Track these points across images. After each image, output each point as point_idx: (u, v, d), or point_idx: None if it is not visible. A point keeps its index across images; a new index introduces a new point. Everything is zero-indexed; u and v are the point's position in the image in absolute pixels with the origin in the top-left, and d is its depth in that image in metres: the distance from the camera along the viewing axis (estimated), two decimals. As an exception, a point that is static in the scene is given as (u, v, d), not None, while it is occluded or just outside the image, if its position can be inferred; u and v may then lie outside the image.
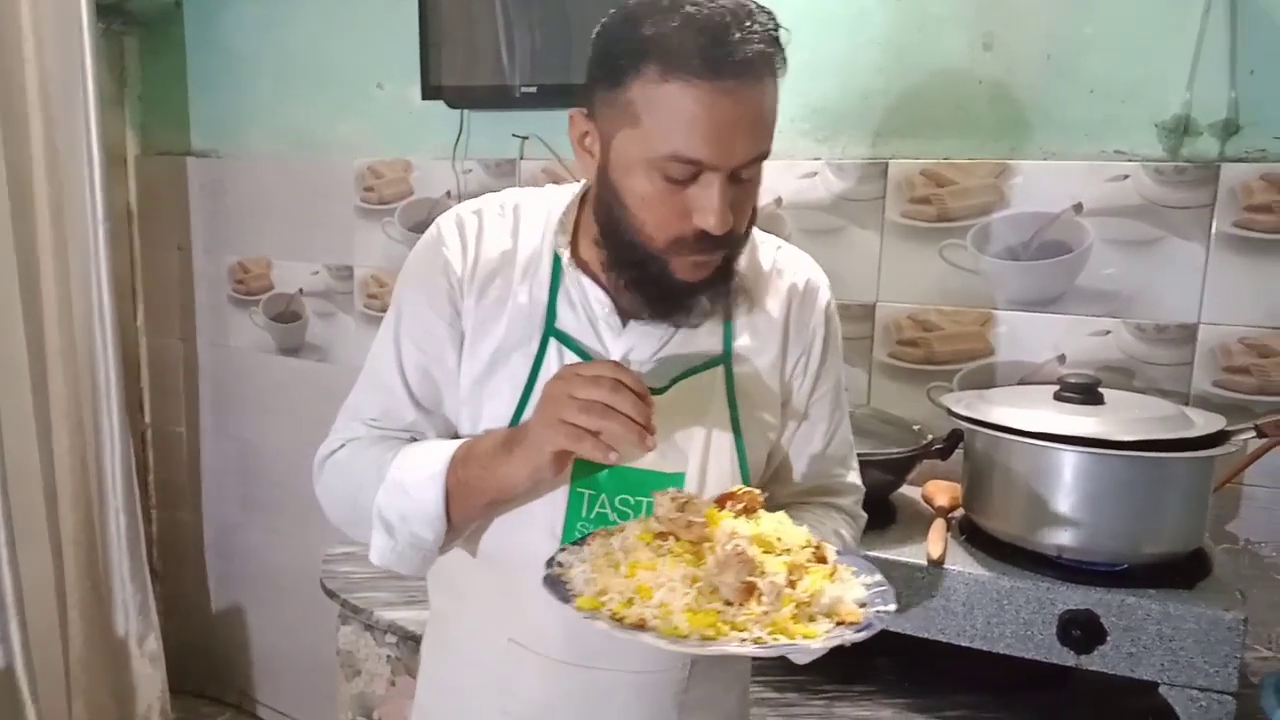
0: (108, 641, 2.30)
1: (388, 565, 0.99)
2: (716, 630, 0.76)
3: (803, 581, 0.81)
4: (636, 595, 0.79)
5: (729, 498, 0.90)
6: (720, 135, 0.83)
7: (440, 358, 1.00)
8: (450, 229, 1.01)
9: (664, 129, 0.84)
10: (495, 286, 0.99)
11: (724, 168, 0.85)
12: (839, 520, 1.08)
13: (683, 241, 0.88)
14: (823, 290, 1.08)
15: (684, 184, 0.86)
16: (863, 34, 1.70)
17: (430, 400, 1.02)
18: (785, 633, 0.76)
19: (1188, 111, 1.50)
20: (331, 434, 1.07)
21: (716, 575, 0.79)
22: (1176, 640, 1.18)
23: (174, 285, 2.65)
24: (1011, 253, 1.63)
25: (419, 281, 1.02)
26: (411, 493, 0.95)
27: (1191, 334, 1.53)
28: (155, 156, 2.62)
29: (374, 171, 2.27)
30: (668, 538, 0.86)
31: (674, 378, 0.98)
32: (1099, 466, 1.23)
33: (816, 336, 1.06)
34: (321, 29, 2.29)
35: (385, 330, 1.04)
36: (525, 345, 0.98)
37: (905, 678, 1.43)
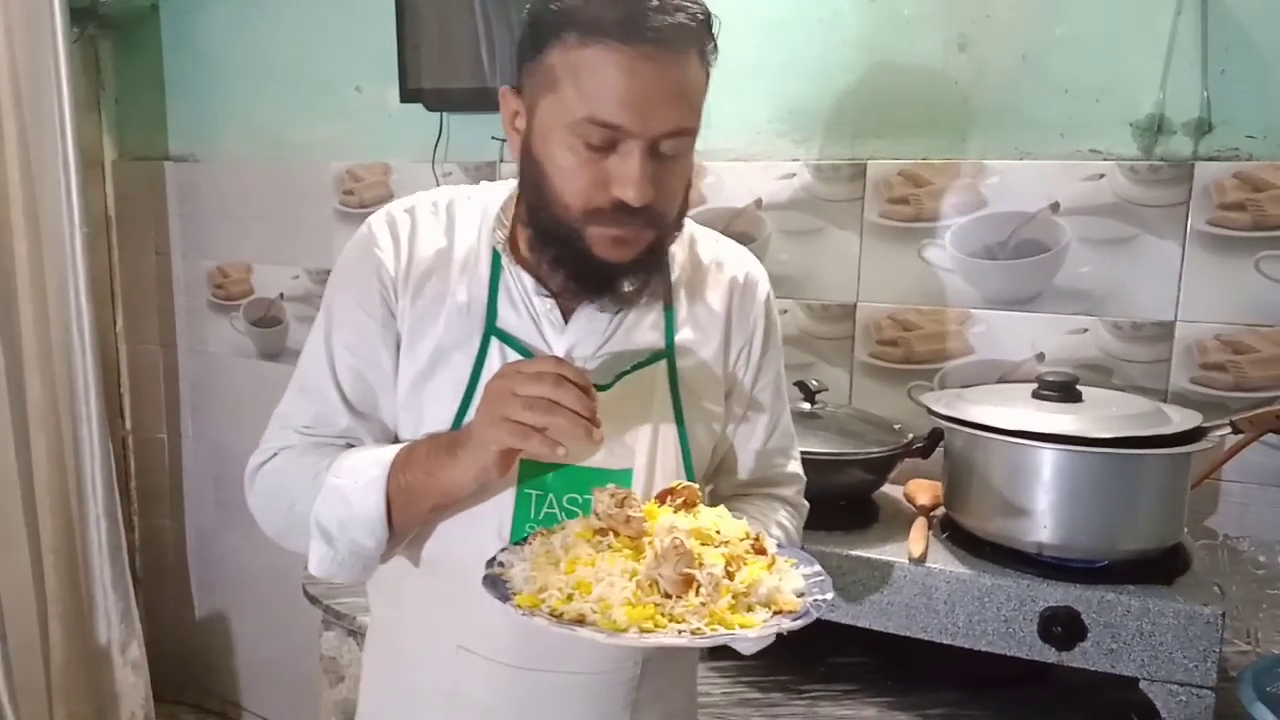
0: (90, 649, 2.28)
1: (327, 575, 0.97)
2: (655, 623, 0.76)
3: (740, 572, 0.82)
4: (576, 591, 0.79)
5: (668, 493, 0.91)
6: (636, 100, 0.83)
7: (375, 361, 0.98)
8: (382, 228, 1.00)
9: (581, 93, 0.84)
10: (431, 285, 0.98)
11: (641, 135, 0.84)
12: (782, 511, 1.10)
13: (600, 213, 0.87)
14: (762, 283, 1.09)
15: (603, 153, 0.86)
16: (838, 35, 1.71)
17: (365, 404, 1.00)
18: (723, 623, 0.77)
19: (1161, 111, 1.52)
20: (262, 443, 1.04)
21: (655, 568, 0.79)
22: (1156, 636, 1.19)
23: (153, 290, 2.63)
24: (989, 252, 1.64)
25: (350, 283, 1.00)
26: (351, 500, 0.93)
27: (1168, 331, 1.54)
28: (132, 161, 2.60)
29: (353, 175, 2.26)
30: (607, 534, 0.86)
31: (618, 374, 0.98)
32: (1077, 464, 1.24)
33: (757, 328, 1.07)
34: (299, 31, 2.28)
35: (316, 334, 1.02)
36: (466, 345, 0.97)
37: (888, 676, 1.44)
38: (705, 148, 1.83)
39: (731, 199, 1.82)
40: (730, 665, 1.46)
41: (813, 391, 1.53)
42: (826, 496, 1.45)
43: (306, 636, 2.15)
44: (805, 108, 1.76)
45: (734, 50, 1.78)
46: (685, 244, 1.05)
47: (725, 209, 1.82)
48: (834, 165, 1.73)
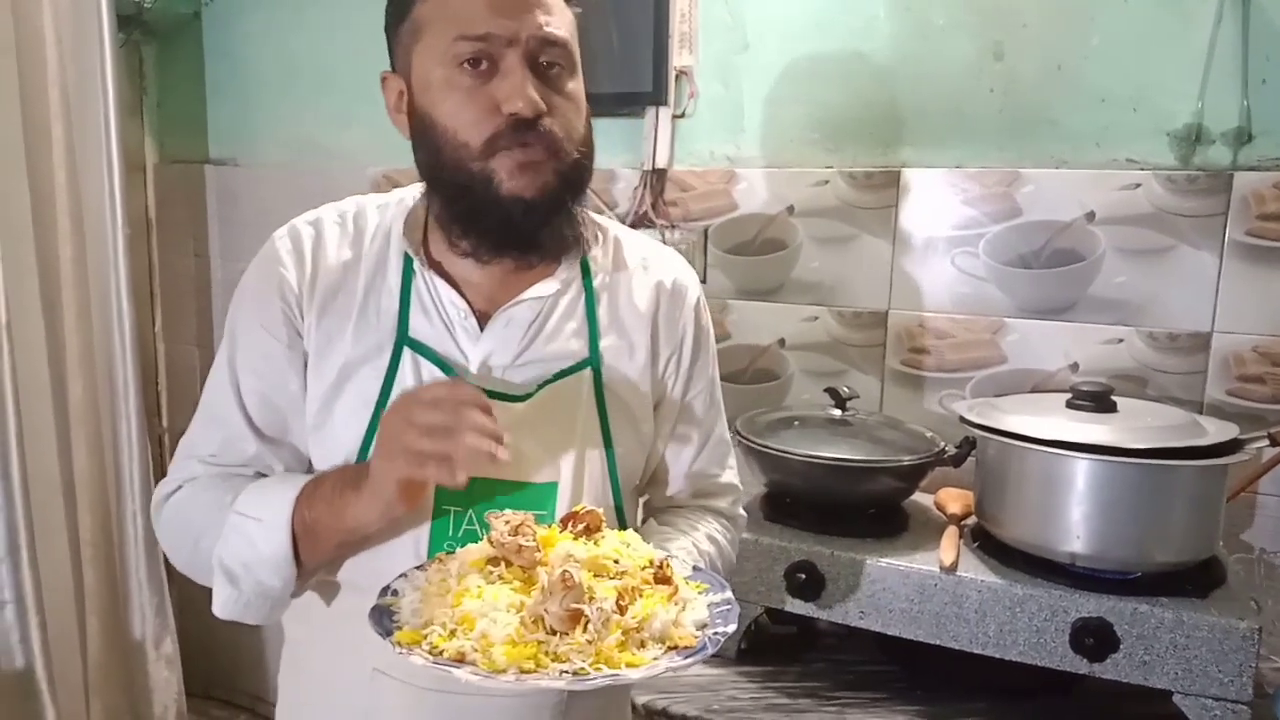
0: (125, 644, 2.31)
1: (233, 617, 0.92)
2: (537, 662, 0.72)
3: (634, 606, 0.77)
4: (460, 626, 0.75)
5: (572, 517, 0.87)
6: (499, 8, 0.85)
7: (281, 384, 0.94)
8: (285, 245, 0.96)
9: (446, 21, 0.86)
10: (338, 300, 0.94)
11: (513, 40, 0.85)
12: (715, 524, 1.07)
13: (498, 138, 0.86)
14: (691, 288, 1.05)
15: (484, 77, 0.86)
16: (870, 43, 1.71)
17: (274, 429, 0.95)
18: (609, 662, 0.73)
19: (1199, 120, 1.51)
20: (169, 473, 1.00)
21: (541, 603, 0.75)
22: (1190, 649, 1.18)
23: (191, 292, 2.67)
24: (1023, 261, 1.64)
25: (253, 304, 0.96)
26: (255, 539, 0.88)
27: (1204, 342, 1.53)
28: (173, 165, 2.64)
29: (390, 179, 2.28)
30: (499, 563, 0.82)
31: (540, 383, 0.94)
32: (1112, 474, 1.24)
33: (686, 335, 1.04)
34: (337, 38, 2.31)
35: (220, 358, 0.97)
36: (375, 358, 0.92)
37: (916, 684, 1.43)
38: (737, 154, 1.85)
39: (764, 206, 1.82)
40: (759, 671, 1.46)
41: (844, 399, 1.53)
42: (857, 504, 1.47)
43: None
44: (838, 115, 1.76)
45: (766, 58, 1.80)
46: (609, 246, 1.03)
47: (757, 215, 1.83)
48: (867, 173, 1.74)
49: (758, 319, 1.85)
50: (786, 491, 1.51)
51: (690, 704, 1.37)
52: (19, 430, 1.93)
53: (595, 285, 0.99)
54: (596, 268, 1.00)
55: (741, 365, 1.87)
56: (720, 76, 1.84)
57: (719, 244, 1.87)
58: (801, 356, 1.83)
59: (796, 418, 1.55)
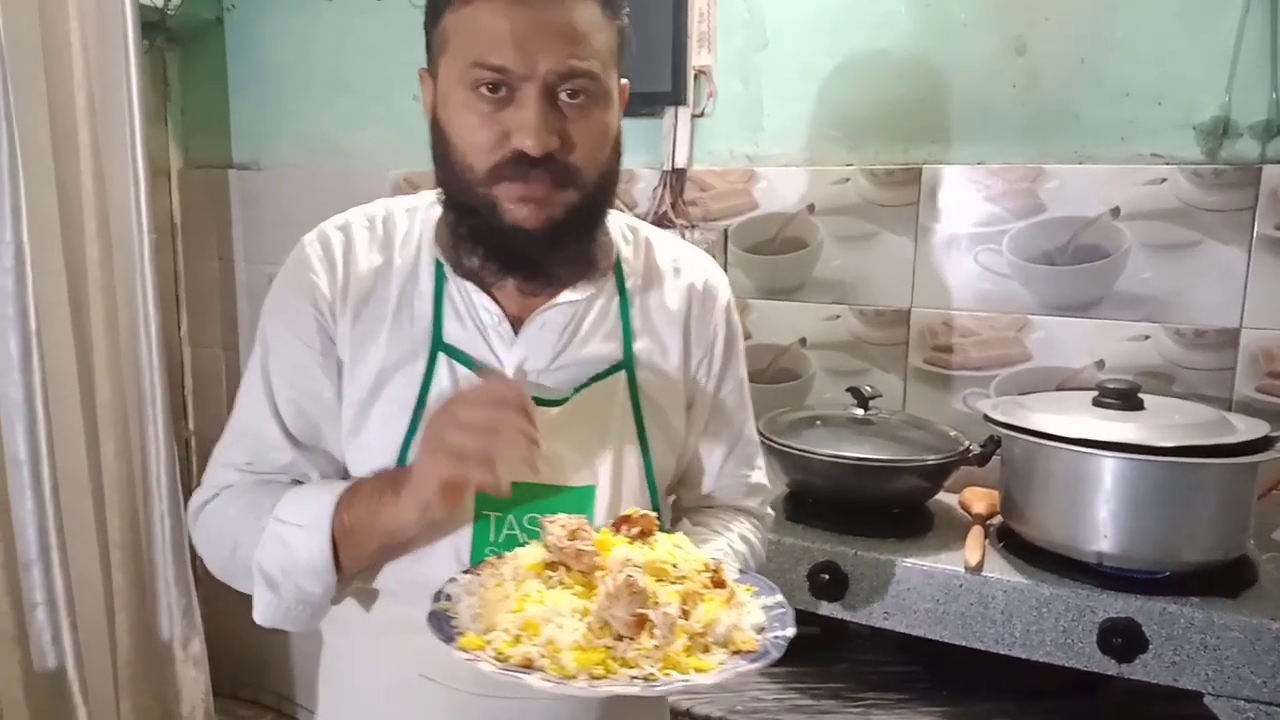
0: (153, 644, 2.34)
1: (274, 624, 0.92)
2: (606, 668, 0.72)
3: (697, 610, 0.78)
4: (524, 632, 0.75)
5: (624, 521, 0.87)
6: (520, 40, 0.82)
7: (314, 392, 0.94)
8: (315, 250, 0.95)
9: (468, 42, 0.84)
10: (371, 305, 0.94)
11: (529, 75, 0.82)
12: (746, 524, 1.07)
13: (503, 168, 0.85)
14: (722, 289, 1.06)
15: (500, 105, 0.84)
16: (891, 40, 1.70)
17: (308, 437, 0.95)
18: (677, 667, 0.73)
19: (1226, 113, 1.48)
20: (203, 481, 1.00)
21: (607, 609, 0.75)
22: (1221, 650, 1.17)
23: (216, 296, 2.70)
24: (1047, 257, 1.62)
25: (285, 311, 0.96)
26: (293, 545, 0.88)
27: (1233, 339, 1.51)
28: (197, 169, 2.67)
29: (410, 182, 2.29)
30: (558, 567, 0.82)
31: (576, 388, 0.94)
32: (1139, 473, 1.22)
33: (718, 337, 1.04)
34: (357, 42, 2.33)
35: (252, 367, 0.97)
36: (411, 363, 0.92)
37: (941, 685, 1.42)
38: (757, 153, 1.84)
39: (784, 204, 1.82)
40: (782, 671, 1.46)
41: (866, 398, 1.52)
42: (880, 504, 1.46)
43: (362, 635, 2.18)
44: (858, 112, 1.75)
45: (785, 55, 1.79)
46: (640, 249, 1.03)
47: (778, 214, 1.82)
48: (888, 170, 1.73)
49: (779, 318, 1.85)
50: (809, 491, 1.51)
51: (714, 705, 1.37)
52: (49, 434, 1.95)
53: (628, 288, 0.99)
54: (628, 270, 1.00)
55: (763, 365, 1.87)
56: (739, 75, 1.84)
57: (739, 243, 1.87)
58: (823, 355, 1.82)
59: (819, 417, 1.54)
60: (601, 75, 0.86)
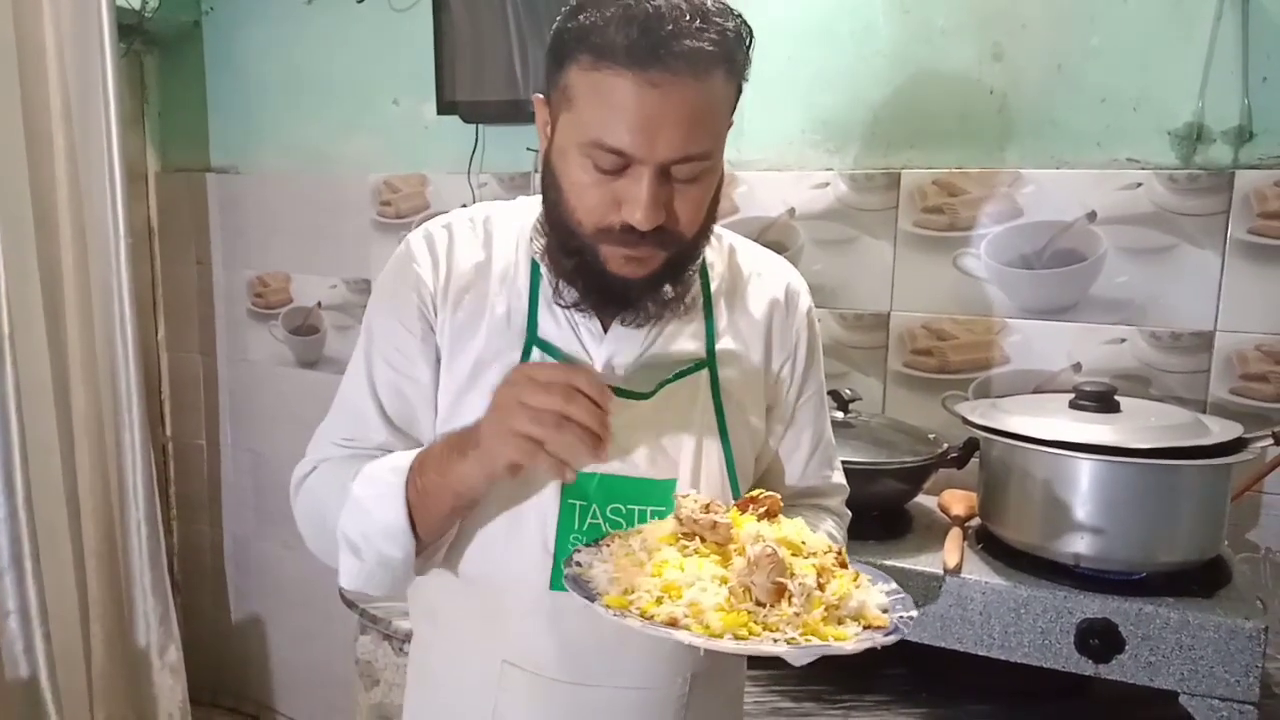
0: (129, 652, 2.31)
1: (358, 588, 0.96)
2: (749, 630, 0.75)
3: (831, 584, 0.81)
4: (665, 594, 0.78)
5: (750, 501, 0.90)
6: (643, 127, 0.82)
7: (413, 376, 0.98)
8: (420, 245, 1.00)
9: (591, 115, 0.84)
10: (470, 299, 0.98)
11: (647, 161, 0.83)
12: (829, 520, 1.10)
13: (610, 232, 0.87)
14: (803, 296, 1.08)
15: (614, 174, 0.85)
16: (870, 46, 1.71)
17: (403, 419, 0.99)
18: (817, 634, 0.76)
19: (1200, 119, 1.50)
20: (306, 455, 1.05)
21: (748, 575, 0.78)
22: (1196, 649, 1.18)
23: (194, 300, 2.68)
24: (1025, 261, 1.63)
25: (390, 299, 1.01)
26: (372, 509, 0.92)
27: (1208, 341, 1.53)
28: (175, 173, 2.65)
29: (390, 186, 2.29)
30: (693, 538, 0.85)
31: (660, 382, 0.97)
32: (1115, 475, 1.23)
33: (800, 341, 1.07)
34: (338, 47, 2.32)
35: (358, 351, 1.02)
36: (506, 356, 0.96)
37: (921, 687, 1.43)
38: (738, 158, 1.85)
39: (765, 209, 1.82)
40: (763, 674, 1.46)
41: (846, 401, 1.52)
42: (860, 506, 1.45)
43: (342, 641, 2.17)
44: (838, 118, 1.76)
45: (767, 61, 1.79)
46: (724, 254, 1.05)
47: (758, 219, 1.83)
48: (868, 175, 1.73)
49: (759, 322, 1.85)
50: (790, 494, 1.51)
51: (695, 708, 1.36)
52: (22, 440, 1.93)
53: (712, 291, 1.03)
54: (714, 274, 1.03)
55: (744, 368, 1.87)
56: (720, 80, 1.84)
57: (720, 247, 1.87)
58: (804, 359, 1.82)
59: (799, 420, 1.54)
60: (715, 152, 0.88)
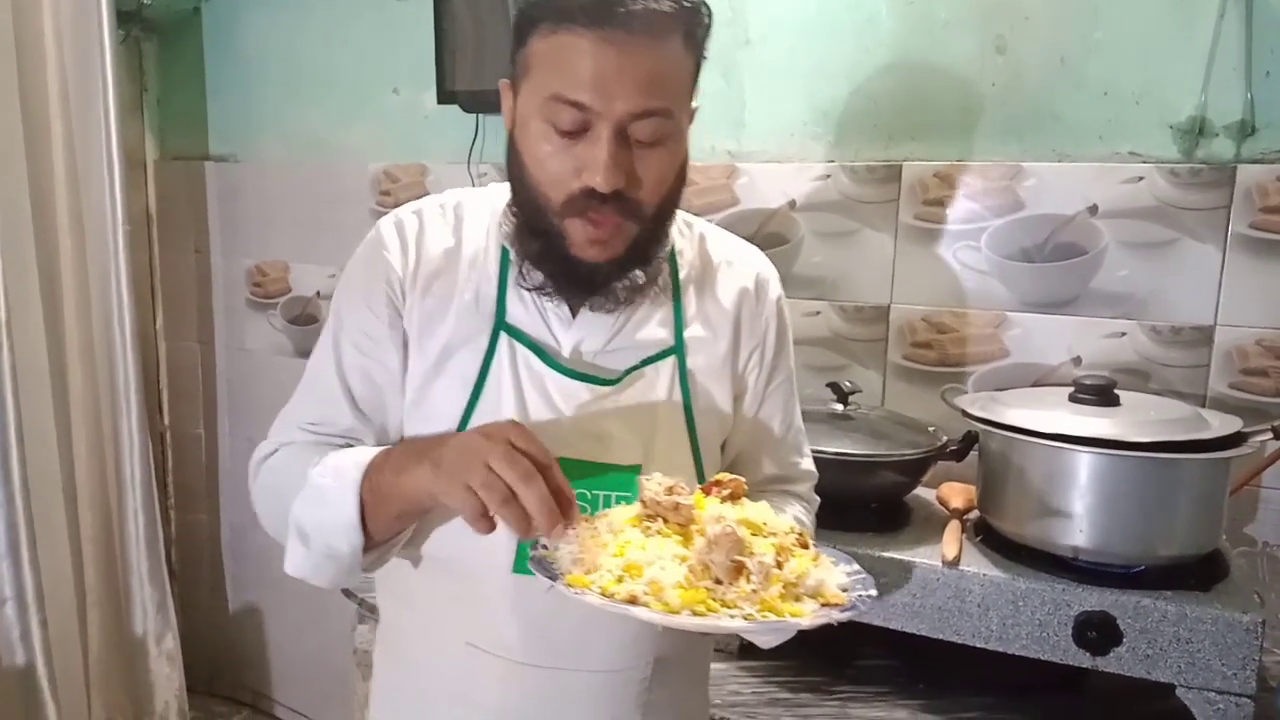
0: (126, 640, 2.32)
1: (302, 576, 0.95)
2: (707, 606, 0.77)
3: (789, 563, 0.82)
4: (626, 574, 0.80)
5: (714, 484, 0.91)
6: (600, 80, 0.83)
7: (382, 360, 0.99)
8: (390, 231, 1.01)
9: (550, 74, 0.86)
10: (439, 284, 0.98)
11: (606, 114, 0.84)
12: (798, 506, 1.10)
13: (574, 202, 0.87)
14: (773, 284, 1.08)
15: (574, 138, 0.86)
16: (872, 38, 1.71)
17: (370, 405, 0.99)
18: (774, 611, 0.77)
19: (1202, 113, 1.50)
20: (269, 436, 1.05)
21: (707, 554, 0.80)
22: (1193, 643, 1.18)
23: (192, 289, 2.68)
24: (1026, 255, 1.63)
25: (358, 285, 1.01)
26: (326, 500, 0.92)
27: (1208, 336, 1.53)
28: (173, 161, 2.64)
29: (390, 175, 2.28)
30: (655, 519, 0.86)
31: (627, 369, 0.98)
32: (1115, 468, 1.23)
33: (770, 330, 1.07)
34: (338, 35, 2.31)
35: (325, 335, 1.03)
36: (475, 340, 0.97)
37: (919, 679, 1.43)
38: (739, 149, 1.84)
39: (765, 200, 1.82)
40: (761, 665, 1.46)
41: (846, 393, 1.52)
42: (859, 498, 1.46)
43: (339, 631, 2.17)
44: (839, 110, 1.76)
45: (768, 52, 1.80)
46: (695, 241, 1.05)
47: (759, 210, 1.83)
48: (869, 167, 1.73)
49: (759, 314, 1.85)
50: (788, 486, 1.51)
51: (692, 699, 1.36)
52: (19, 427, 1.93)
53: (681, 278, 1.03)
54: (683, 262, 1.03)
55: (743, 360, 1.87)
56: (721, 71, 1.84)
57: (720, 239, 1.86)
58: (803, 351, 1.82)
59: (798, 412, 1.54)
60: (675, 113, 0.88)
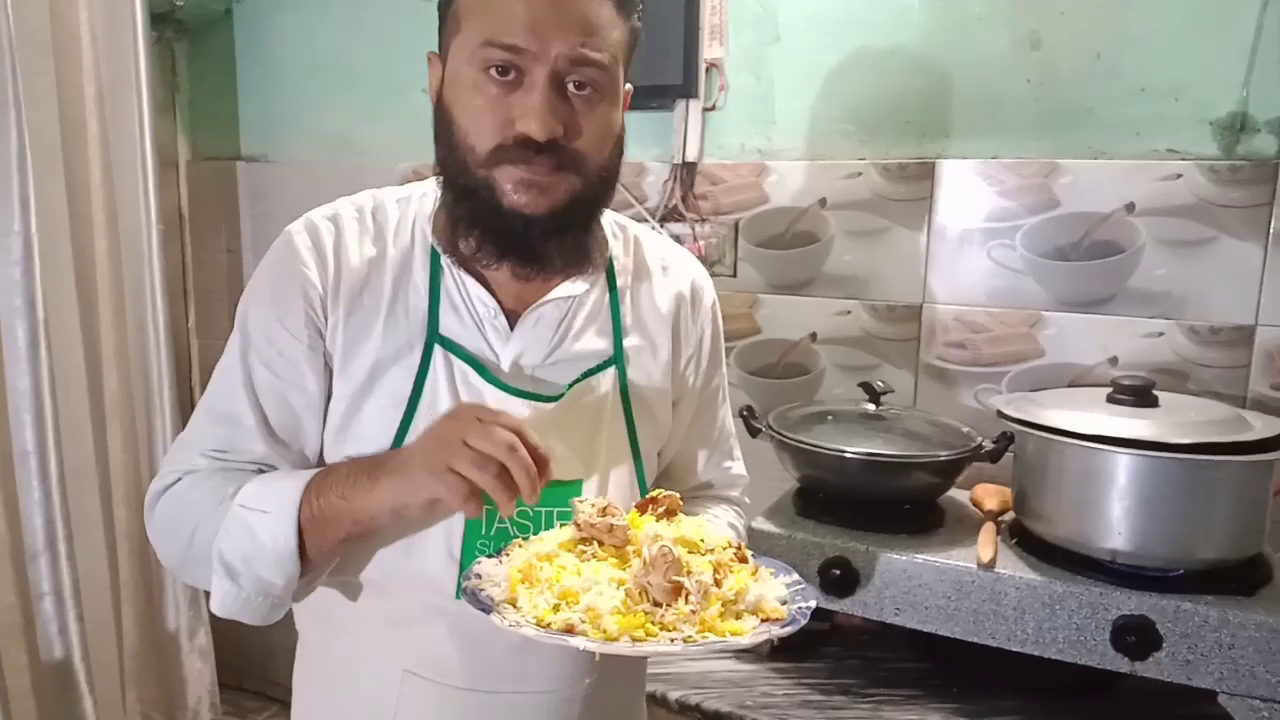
0: (159, 635, 2.34)
1: (232, 615, 0.88)
2: (646, 631, 0.76)
3: (728, 580, 0.82)
4: (562, 601, 0.78)
5: (650, 502, 0.90)
6: (534, 21, 0.82)
7: (299, 383, 0.91)
8: (303, 241, 0.92)
9: (481, 22, 0.84)
10: (364, 298, 0.91)
11: (541, 57, 0.82)
12: (731, 512, 1.10)
13: (505, 150, 0.84)
14: (708, 290, 1.08)
15: (508, 87, 0.84)
16: (905, 34, 1.69)
17: (287, 430, 0.92)
18: (714, 630, 0.77)
19: (1244, 109, 1.47)
20: (163, 467, 0.96)
21: (644, 576, 0.78)
22: (1236, 648, 1.16)
23: (223, 287, 2.70)
24: (1061, 253, 1.61)
25: (272, 300, 0.92)
26: (258, 531, 0.84)
27: (1248, 336, 1.50)
28: (205, 161, 2.67)
29: (418, 174, 2.29)
30: (590, 543, 0.85)
31: (570, 383, 0.95)
32: (1153, 470, 1.21)
33: (705, 336, 1.07)
34: (366, 36, 2.32)
35: (230, 355, 0.94)
36: (406, 356, 0.90)
37: (952, 682, 1.42)
38: (769, 147, 1.83)
39: (796, 199, 1.81)
40: (792, 667, 1.45)
41: (878, 393, 1.51)
42: (891, 500, 1.45)
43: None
44: (871, 106, 1.74)
45: (797, 49, 1.78)
46: (629, 246, 1.04)
47: (789, 208, 1.81)
48: (900, 164, 1.72)
49: (789, 313, 1.84)
50: (820, 487, 1.50)
51: (723, 700, 1.36)
52: (56, 425, 1.95)
53: (618, 285, 1.01)
54: (619, 268, 1.01)
55: (772, 359, 1.86)
56: (751, 68, 1.83)
57: (750, 237, 1.86)
58: (834, 350, 1.81)
59: (829, 412, 1.53)
60: (611, 68, 0.86)
